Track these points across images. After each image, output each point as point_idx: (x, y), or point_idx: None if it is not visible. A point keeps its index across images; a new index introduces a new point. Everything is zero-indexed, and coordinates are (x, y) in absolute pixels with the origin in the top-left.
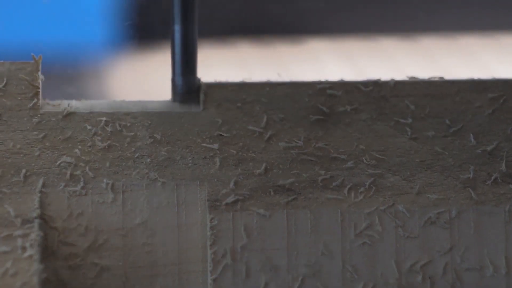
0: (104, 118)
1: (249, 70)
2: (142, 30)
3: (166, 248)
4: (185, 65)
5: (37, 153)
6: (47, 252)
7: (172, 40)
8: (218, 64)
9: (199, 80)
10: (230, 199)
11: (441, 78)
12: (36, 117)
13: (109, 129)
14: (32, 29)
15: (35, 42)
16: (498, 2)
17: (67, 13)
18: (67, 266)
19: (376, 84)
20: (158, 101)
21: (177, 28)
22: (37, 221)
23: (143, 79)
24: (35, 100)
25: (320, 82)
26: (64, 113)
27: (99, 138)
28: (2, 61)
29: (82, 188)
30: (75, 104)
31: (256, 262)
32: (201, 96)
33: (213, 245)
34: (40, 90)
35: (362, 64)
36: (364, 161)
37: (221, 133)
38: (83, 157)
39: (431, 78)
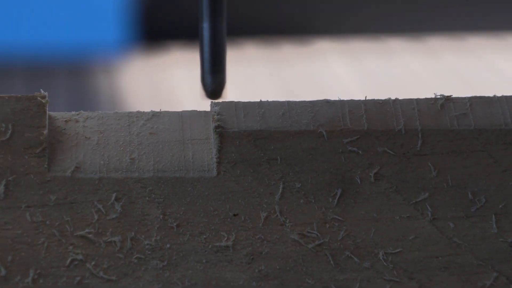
0: (115, 194)
1: (255, 71)
2: (154, 30)
3: None
4: (214, 63)
5: (45, 244)
6: None
7: (200, 38)
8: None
9: (214, 127)
10: None
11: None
12: (43, 186)
13: (118, 208)
14: (45, 29)
15: (48, 41)
16: (505, 2)
17: (79, 13)
18: None
19: (399, 136)
20: (169, 112)
21: (205, 26)
22: None
23: (154, 78)
24: (42, 157)
25: (340, 132)
26: (72, 182)
27: (108, 221)
28: (7, 95)
29: None
30: (82, 157)
31: None
32: (215, 154)
33: None
34: (46, 145)
35: (368, 64)
36: (381, 257)
37: (235, 213)
38: (91, 253)
39: (449, 97)
